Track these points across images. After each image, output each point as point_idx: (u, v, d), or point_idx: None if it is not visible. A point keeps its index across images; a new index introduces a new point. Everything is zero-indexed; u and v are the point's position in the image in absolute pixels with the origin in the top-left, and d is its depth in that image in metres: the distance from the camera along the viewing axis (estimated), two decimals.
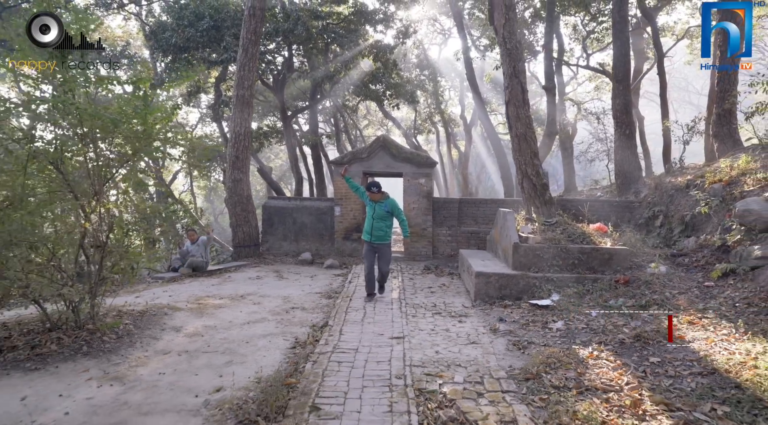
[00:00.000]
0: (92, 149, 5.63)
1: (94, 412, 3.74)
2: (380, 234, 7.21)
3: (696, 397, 3.73)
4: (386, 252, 7.33)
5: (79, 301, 5.32)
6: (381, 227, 7.20)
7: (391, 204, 7.21)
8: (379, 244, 7.24)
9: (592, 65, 23.42)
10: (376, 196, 7.10)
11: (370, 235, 7.24)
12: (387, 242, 7.29)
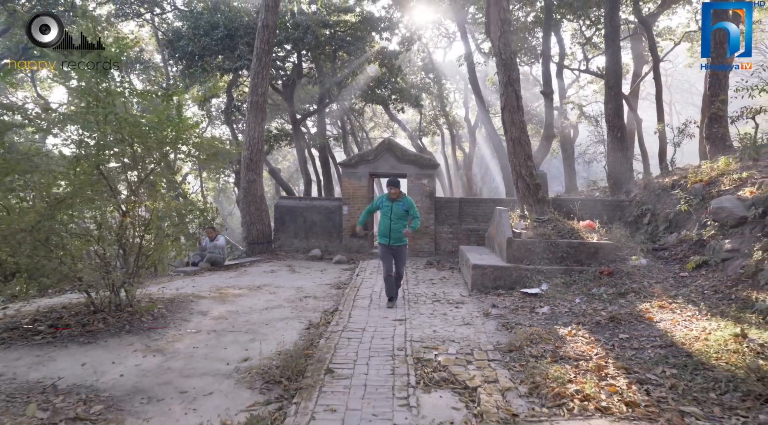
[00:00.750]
0: (129, 153, 6.37)
1: (143, 375, 4.46)
2: (399, 236, 6.95)
3: (652, 363, 4.40)
4: (404, 254, 7.12)
5: (122, 285, 6.06)
6: (399, 228, 6.94)
7: (408, 202, 7.04)
8: (397, 247, 7.01)
9: (592, 69, 23.99)
10: (395, 193, 6.93)
11: (388, 238, 6.96)
12: (405, 244, 7.09)
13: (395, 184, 6.95)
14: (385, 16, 17.54)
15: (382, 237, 7.05)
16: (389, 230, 6.95)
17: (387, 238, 6.98)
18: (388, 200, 7.01)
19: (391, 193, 6.94)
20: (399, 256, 7.07)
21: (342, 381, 4.19)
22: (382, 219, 7.06)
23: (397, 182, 6.98)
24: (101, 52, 6.21)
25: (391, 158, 12.31)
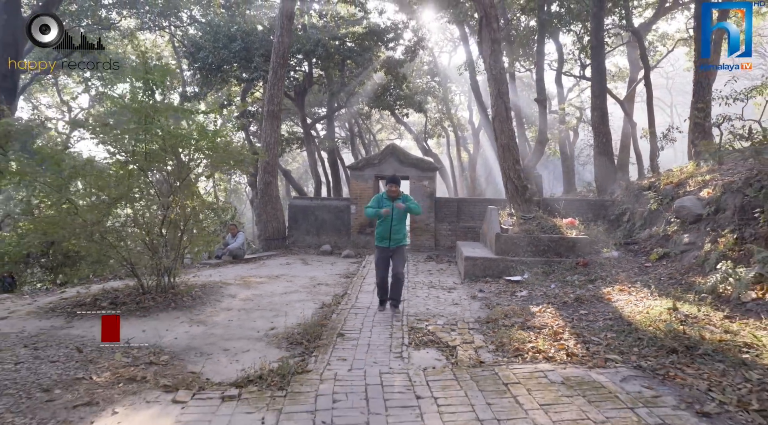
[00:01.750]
0: (171, 159, 7.56)
1: (192, 338, 5.62)
2: (399, 237, 6.57)
3: (599, 330, 5.49)
4: (403, 254, 6.67)
5: (168, 271, 7.24)
6: (400, 229, 6.57)
7: (407, 199, 6.62)
8: (396, 248, 6.59)
9: (588, 75, 24.93)
10: (395, 191, 6.49)
11: (388, 240, 6.55)
12: (405, 244, 6.70)
13: (396, 181, 6.51)
14: (391, 27, 18.67)
15: (381, 240, 6.57)
16: (389, 232, 6.52)
17: (387, 241, 6.54)
18: (387, 200, 6.51)
19: (391, 191, 6.47)
20: (398, 256, 6.57)
21: (350, 342, 5.33)
22: (381, 221, 6.56)
23: (397, 179, 6.55)
24: (150, 73, 7.42)
25: (395, 162, 13.44)
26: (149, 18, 19.63)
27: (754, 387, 3.59)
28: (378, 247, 6.66)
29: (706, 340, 4.61)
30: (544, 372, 4.28)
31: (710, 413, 3.36)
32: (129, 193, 7.19)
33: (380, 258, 6.62)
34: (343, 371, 4.44)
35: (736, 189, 7.34)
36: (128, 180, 7.14)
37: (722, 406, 3.43)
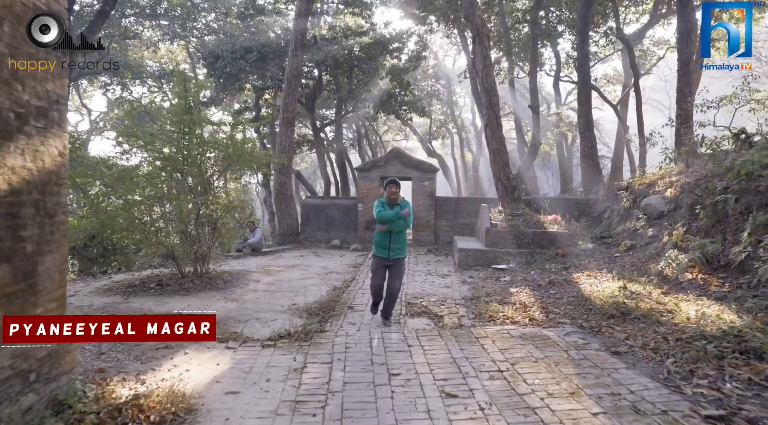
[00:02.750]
0: (204, 162, 8.87)
1: (229, 311, 6.91)
2: (399, 247, 6.01)
3: (561, 304, 6.72)
4: (401, 267, 6.13)
5: (204, 258, 8.56)
6: (400, 239, 6.01)
7: (408, 206, 6.00)
8: (396, 259, 6.04)
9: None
10: (394, 194, 5.89)
11: (387, 250, 5.98)
12: (405, 256, 6.18)
13: (396, 183, 5.91)
14: (395, 37, 19.94)
15: (380, 249, 6.03)
16: (389, 241, 5.96)
17: (386, 251, 5.99)
18: (387, 207, 5.89)
19: (391, 194, 5.86)
20: (396, 269, 6.05)
21: (358, 312, 6.61)
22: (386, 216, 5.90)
23: (397, 181, 5.95)
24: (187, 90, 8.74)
25: (398, 164, 14.71)
26: (169, 28, 21.01)
27: (657, 336, 4.82)
28: (375, 257, 6.14)
29: (638, 309, 5.84)
30: (508, 330, 5.54)
31: (620, 352, 4.60)
32: (169, 192, 8.53)
33: (378, 267, 6.11)
34: (353, 331, 5.72)
35: (690, 189, 8.53)
36: (168, 181, 8.48)
37: (631, 348, 4.68)
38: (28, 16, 3.11)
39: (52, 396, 3.30)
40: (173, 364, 4.49)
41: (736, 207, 6.89)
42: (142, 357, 4.71)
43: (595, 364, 4.37)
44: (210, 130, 10.93)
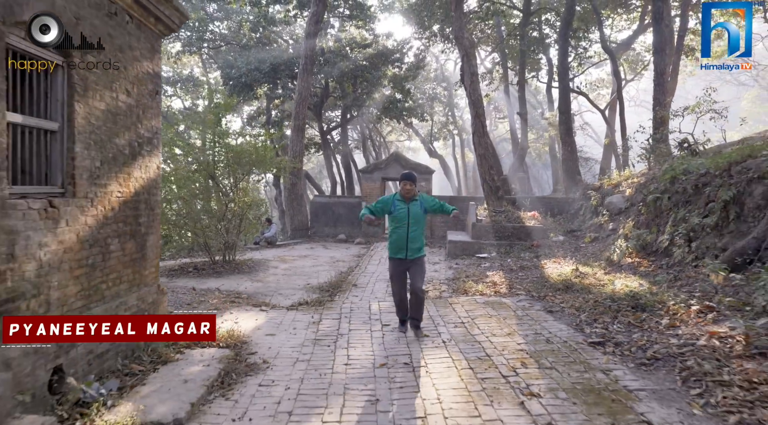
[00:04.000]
0: (233, 168, 10.54)
1: (256, 288, 8.57)
2: (417, 246, 5.39)
3: (525, 282, 8.31)
4: (421, 266, 5.48)
5: (232, 247, 10.24)
6: (418, 236, 5.38)
7: (426, 199, 5.55)
8: (415, 259, 5.40)
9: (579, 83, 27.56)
10: (409, 190, 5.31)
11: (404, 250, 5.33)
12: (424, 255, 5.52)
13: (410, 178, 5.32)
14: (396, 48, 21.56)
15: (396, 250, 5.38)
16: (406, 240, 5.30)
17: (403, 251, 5.33)
18: (401, 201, 5.35)
19: (405, 190, 5.31)
20: (416, 268, 5.42)
21: (360, 289, 8.26)
22: (395, 228, 5.37)
23: (412, 176, 5.37)
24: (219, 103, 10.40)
25: (398, 166, 16.35)
26: (186, 39, 22.73)
27: (583, 300, 6.43)
28: (392, 260, 5.45)
29: (580, 284, 7.45)
30: (476, 299, 7.18)
31: (553, 311, 6.23)
32: (203, 192, 10.22)
33: (396, 273, 5.45)
34: (356, 301, 7.37)
35: (640, 190, 10.11)
36: (203, 183, 10.17)
37: (562, 308, 6.30)
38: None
39: None
40: (224, 319, 6.14)
41: (668, 204, 8.48)
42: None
43: (532, 318, 6.00)
44: (233, 136, 12.58)
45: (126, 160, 4.46)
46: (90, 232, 3.89)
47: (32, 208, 3.21)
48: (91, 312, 3.88)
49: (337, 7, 20.86)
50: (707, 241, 6.98)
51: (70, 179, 3.69)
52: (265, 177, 14.76)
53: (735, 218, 6.63)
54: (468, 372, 4.34)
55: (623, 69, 31.27)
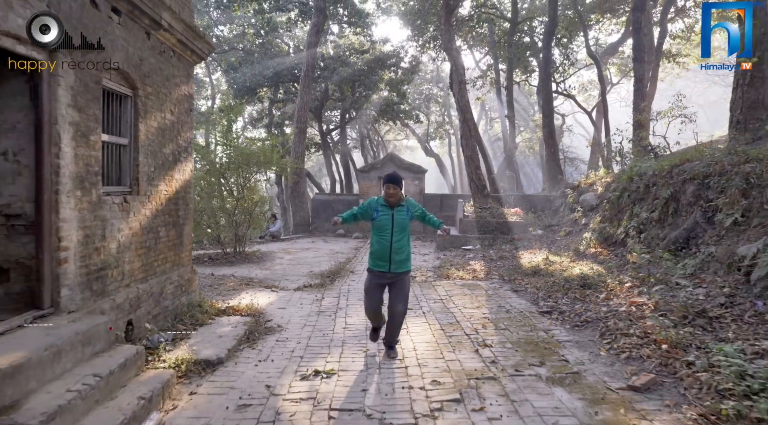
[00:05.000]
0: (243, 168, 11.71)
1: (266, 275, 9.76)
2: (402, 258, 4.63)
3: (501, 269, 9.51)
4: (405, 284, 4.72)
5: (241, 239, 11.43)
6: (403, 247, 4.64)
7: (413, 205, 4.85)
8: (398, 274, 4.63)
9: (570, 85, 28.79)
10: (393, 195, 4.61)
11: (387, 262, 4.58)
12: (409, 269, 4.77)
13: (394, 181, 4.65)
14: (392, 53, 22.72)
15: (377, 262, 4.65)
16: (389, 251, 4.57)
17: (386, 263, 4.60)
18: (385, 207, 4.66)
19: (388, 195, 4.61)
20: (398, 287, 4.67)
21: (357, 275, 9.46)
22: (377, 236, 4.66)
23: (397, 179, 4.68)
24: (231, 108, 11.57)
25: (393, 166, 17.54)
26: None
27: (545, 282, 7.62)
28: (372, 272, 4.72)
29: (547, 270, 8.63)
30: (455, 282, 8.38)
31: (518, 290, 7.43)
32: (217, 190, 11.40)
33: (373, 287, 4.71)
34: (353, 284, 8.57)
35: (609, 188, 11.30)
36: (216, 182, 11.35)
37: (526, 289, 7.50)
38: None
39: (190, 300, 6.16)
40: (241, 297, 7.33)
41: (627, 201, 9.68)
42: (223, 294, 7.56)
43: (499, 296, 7.20)
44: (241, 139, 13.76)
45: (170, 165, 5.65)
46: (147, 221, 5.08)
47: (114, 202, 4.41)
48: (145, 284, 5.07)
49: (337, 14, 22.01)
50: (653, 232, 8.18)
51: (135, 181, 4.87)
52: (267, 176, 15.90)
53: (673, 212, 7.84)
54: (439, 332, 5.55)
55: (611, 72, 32.59)
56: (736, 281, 5.43)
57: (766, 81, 8.10)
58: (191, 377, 4.20)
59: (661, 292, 5.77)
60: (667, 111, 15.69)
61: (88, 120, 3.93)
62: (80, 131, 3.81)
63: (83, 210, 3.88)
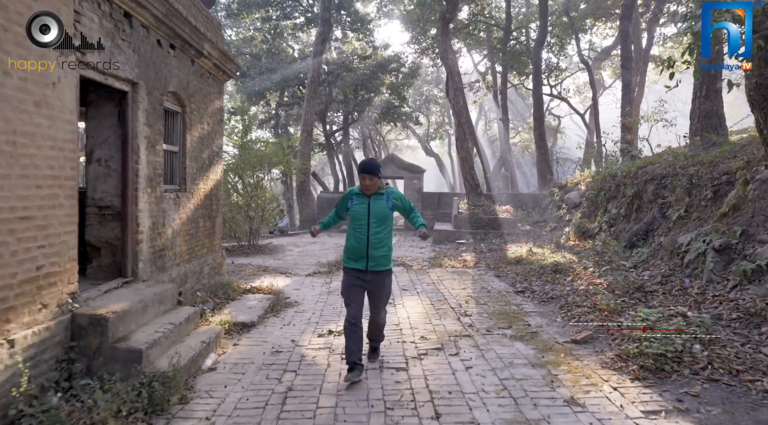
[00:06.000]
0: (257, 169, 12.87)
1: (279, 264, 10.92)
2: (382, 254, 4.11)
3: (489, 260, 10.66)
4: (386, 286, 4.26)
5: (255, 232, 12.60)
6: (383, 240, 4.11)
7: (395, 195, 4.29)
8: (377, 273, 4.13)
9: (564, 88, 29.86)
10: (370, 187, 4.09)
11: (364, 259, 4.08)
12: (389, 268, 4.27)
13: (369, 171, 4.10)
14: (393, 58, 23.88)
15: (353, 258, 4.17)
16: (366, 245, 4.06)
17: (363, 260, 4.10)
18: (360, 195, 4.18)
19: (365, 186, 4.10)
20: (379, 290, 4.20)
21: None
22: (352, 229, 4.18)
23: (372, 168, 4.14)
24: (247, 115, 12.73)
25: (393, 166, 18.69)
26: None
27: (524, 269, 8.77)
28: (347, 270, 4.25)
29: (528, 259, 9.77)
30: (446, 269, 9.54)
31: (500, 276, 8.59)
32: (234, 188, 12.56)
33: (351, 287, 4.19)
34: None
35: (590, 187, 12.44)
36: (233, 181, 12.52)
37: (507, 274, 8.65)
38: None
39: (221, 280, 7.33)
40: (261, 281, 8.48)
41: (602, 199, 10.82)
42: (244, 278, 8.72)
43: (483, 280, 8.36)
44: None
45: (206, 167, 6.82)
46: (191, 214, 6.25)
47: (170, 197, 5.57)
48: (190, 264, 6.23)
49: (340, 21, 23.16)
50: (620, 227, 9.33)
51: (183, 180, 6.04)
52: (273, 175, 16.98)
53: (637, 209, 8.98)
54: (429, 306, 6.71)
55: (606, 75, 33.71)
56: (674, 264, 6.58)
57: (719, 93, 9.21)
58: (232, 334, 5.37)
59: (615, 275, 6.92)
60: (649, 115, 16.88)
61: (155, 134, 5.09)
62: (150, 142, 4.97)
63: (152, 203, 5.04)
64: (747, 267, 5.19)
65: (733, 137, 9.35)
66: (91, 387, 3.31)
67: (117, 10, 4.30)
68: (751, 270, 5.14)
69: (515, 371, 4.30)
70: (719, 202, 6.56)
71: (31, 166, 3.25)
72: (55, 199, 3.51)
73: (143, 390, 3.43)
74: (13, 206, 3.10)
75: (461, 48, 38.44)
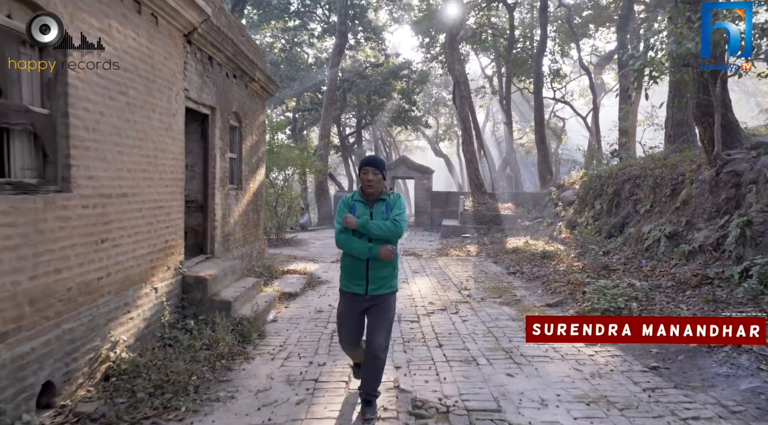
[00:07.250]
0: (284, 169, 14.42)
1: (306, 254, 12.45)
2: (384, 275, 3.39)
3: (489, 250, 12.11)
4: (387, 310, 3.45)
5: (282, 226, 14.16)
6: (385, 260, 3.34)
7: (396, 202, 3.42)
8: (380, 297, 3.40)
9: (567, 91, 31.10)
10: (372, 183, 3.35)
11: (364, 283, 3.37)
12: (394, 290, 3.50)
13: (373, 164, 3.40)
14: (404, 64, 25.38)
15: (350, 280, 3.48)
16: (366, 264, 3.37)
17: (362, 283, 3.40)
18: (361, 203, 3.43)
19: (366, 183, 3.35)
20: (380, 313, 3.42)
21: None
22: (349, 241, 3.41)
23: (375, 161, 3.45)
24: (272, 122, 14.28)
25: (404, 167, 20.17)
26: None
27: (517, 256, 10.21)
28: (344, 295, 3.57)
29: (523, 249, 11.21)
30: (452, 258, 11.02)
31: (498, 262, 10.05)
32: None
33: (347, 313, 3.53)
34: None
35: (581, 186, 13.83)
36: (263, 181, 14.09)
37: (503, 261, 10.11)
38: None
39: (264, 263, 8.87)
40: (295, 265, 10.01)
41: (590, 197, 12.22)
42: (279, 263, 10.26)
43: (483, 265, 9.82)
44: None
45: (254, 169, 8.36)
46: (244, 208, 7.79)
47: (232, 195, 7.11)
48: (244, 248, 7.77)
49: (354, 30, 24.70)
50: (603, 220, 10.74)
51: (239, 181, 7.58)
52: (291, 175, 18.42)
53: (616, 205, 10.39)
54: (436, 283, 8.20)
55: (610, 77, 34.88)
56: (637, 249, 8.01)
57: (689, 104, 10.55)
58: (282, 300, 6.90)
59: (590, 259, 8.36)
60: (642, 120, 18.20)
61: (225, 145, 6.64)
62: (222, 152, 6.52)
63: (222, 199, 6.58)
64: (686, 248, 6.62)
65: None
66: (204, 321, 4.87)
67: (205, 55, 5.85)
68: (689, 250, 6.57)
69: (499, 323, 5.78)
70: (675, 198, 7.97)
71: (163, 172, 4.79)
72: (174, 194, 5.05)
73: (234, 327, 4.97)
74: (155, 199, 4.64)
75: (469, 52, 39.95)
